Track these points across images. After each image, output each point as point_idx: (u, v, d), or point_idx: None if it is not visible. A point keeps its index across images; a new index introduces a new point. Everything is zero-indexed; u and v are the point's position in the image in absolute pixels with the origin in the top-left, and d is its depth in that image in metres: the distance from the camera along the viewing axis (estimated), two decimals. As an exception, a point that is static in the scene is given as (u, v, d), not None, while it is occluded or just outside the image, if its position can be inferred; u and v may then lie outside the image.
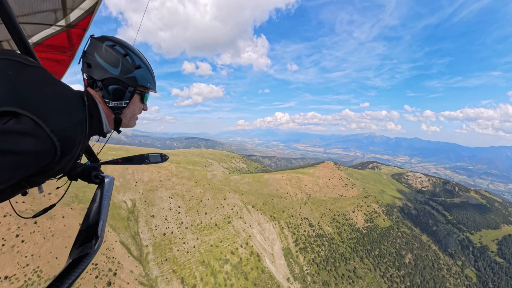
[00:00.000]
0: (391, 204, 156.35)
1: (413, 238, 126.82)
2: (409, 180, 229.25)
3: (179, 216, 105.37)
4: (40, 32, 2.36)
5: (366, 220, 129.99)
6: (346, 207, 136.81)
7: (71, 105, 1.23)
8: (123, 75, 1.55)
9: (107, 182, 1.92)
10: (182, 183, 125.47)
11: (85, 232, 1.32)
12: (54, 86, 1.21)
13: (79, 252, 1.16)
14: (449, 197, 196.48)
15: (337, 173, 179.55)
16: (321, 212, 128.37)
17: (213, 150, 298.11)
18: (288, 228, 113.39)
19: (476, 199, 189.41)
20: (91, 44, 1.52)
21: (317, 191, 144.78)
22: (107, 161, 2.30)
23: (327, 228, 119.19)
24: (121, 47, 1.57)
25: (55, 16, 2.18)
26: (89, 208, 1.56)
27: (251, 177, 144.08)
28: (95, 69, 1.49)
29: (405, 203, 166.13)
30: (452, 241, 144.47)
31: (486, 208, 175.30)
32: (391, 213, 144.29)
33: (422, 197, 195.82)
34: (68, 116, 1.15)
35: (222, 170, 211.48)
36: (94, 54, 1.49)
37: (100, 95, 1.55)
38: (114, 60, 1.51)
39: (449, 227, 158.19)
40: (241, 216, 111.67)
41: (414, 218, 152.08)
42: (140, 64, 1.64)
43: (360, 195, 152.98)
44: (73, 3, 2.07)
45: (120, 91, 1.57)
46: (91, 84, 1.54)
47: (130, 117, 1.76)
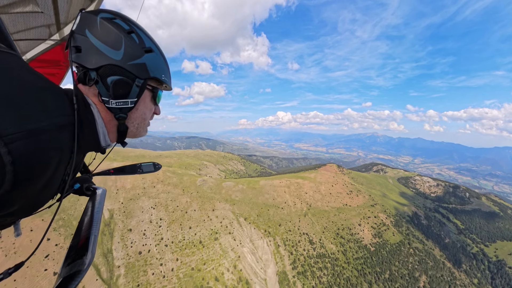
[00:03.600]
0: (400, 213, 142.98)
1: (426, 255, 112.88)
2: (416, 184, 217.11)
3: (160, 231, 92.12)
4: (34, 48, 2.39)
5: (374, 235, 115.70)
6: (351, 219, 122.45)
7: (43, 100, 0.76)
8: (127, 61, 1.04)
9: (99, 194, 1.63)
10: (168, 190, 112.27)
11: (75, 248, 1.13)
12: (20, 75, 0.75)
13: (70, 269, 1.01)
14: (460, 204, 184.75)
15: (340, 177, 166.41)
16: (323, 226, 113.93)
17: (210, 151, 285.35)
18: (284, 246, 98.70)
19: (488, 206, 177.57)
20: (81, 20, 1.03)
21: (318, 199, 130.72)
22: (98, 172, 2.05)
23: (330, 245, 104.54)
24: (123, 21, 1.08)
25: (49, 31, 2.17)
26: (80, 222, 1.28)
27: (246, 183, 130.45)
28: (87, 53, 1.00)
29: (415, 211, 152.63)
30: (466, 255, 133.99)
31: (499, 216, 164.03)
32: (401, 225, 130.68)
33: (431, 203, 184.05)
34: (34, 116, 0.69)
35: (218, 173, 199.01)
36: (85, 31, 1.01)
37: (95, 93, 1.04)
38: (115, 39, 1.02)
39: (461, 238, 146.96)
40: (231, 231, 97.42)
41: (425, 229, 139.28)
42: (152, 46, 1.12)
43: (366, 204, 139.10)
44: (66, 18, 2.06)
45: (124, 84, 1.04)
46: (83, 78, 1.03)
47: (139, 123, 1.21)
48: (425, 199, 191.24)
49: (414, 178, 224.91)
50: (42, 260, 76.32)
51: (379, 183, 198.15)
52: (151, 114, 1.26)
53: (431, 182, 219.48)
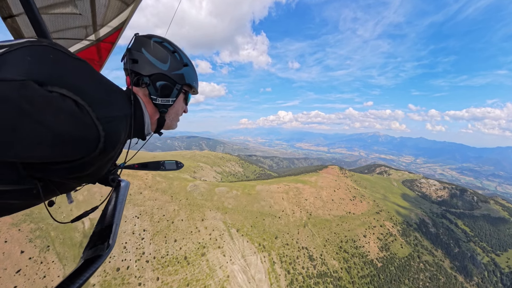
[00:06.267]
0: (407, 220, 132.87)
1: (437, 270, 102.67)
2: (422, 188, 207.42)
3: (142, 244, 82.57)
4: (72, 46, 2.49)
5: (380, 248, 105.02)
6: (355, 229, 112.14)
7: (116, 98, 1.17)
8: (171, 71, 1.51)
9: (123, 186, 1.88)
10: (155, 197, 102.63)
11: (98, 234, 1.28)
12: (99, 77, 1.14)
13: (92, 252, 1.14)
14: (468, 209, 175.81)
15: (343, 181, 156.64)
16: (325, 238, 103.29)
17: (208, 152, 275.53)
18: (281, 263, 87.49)
19: (497, 211, 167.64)
20: (136, 41, 1.50)
21: (319, 207, 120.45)
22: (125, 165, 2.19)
23: (332, 262, 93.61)
24: (169, 44, 1.56)
25: (85, 32, 2.32)
26: (104, 210, 1.51)
27: (241, 189, 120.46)
28: (143, 64, 1.45)
29: (422, 218, 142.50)
30: (477, 265, 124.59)
31: (509, 222, 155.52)
32: (408, 234, 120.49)
33: (438, 208, 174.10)
34: (114, 108, 1.09)
35: (213, 176, 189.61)
36: (141, 49, 1.46)
37: (146, 93, 1.50)
38: (163, 56, 1.49)
39: (471, 246, 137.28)
40: (221, 244, 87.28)
41: (433, 238, 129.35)
42: (187, 62, 1.63)
43: (371, 211, 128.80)
44: (103, 21, 2.18)
45: (168, 87, 1.52)
46: (135, 82, 1.48)
47: (173, 118, 1.70)
48: (432, 203, 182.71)
49: (419, 181, 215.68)
50: (13, 275, 68.37)
51: (383, 186, 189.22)
52: (182, 111, 1.73)
53: (437, 185, 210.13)
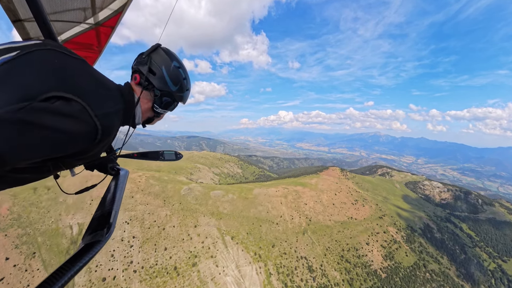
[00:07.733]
0: (411, 225, 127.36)
1: (444, 279, 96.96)
2: (425, 190, 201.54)
3: (130, 252, 77.51)
4: (70, 29, 2.44)
5: (384, 257, 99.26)
6: (357, 236, 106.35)
7: (111, 95, 1.36)
8: (177, 92, 1.86)
9: (122, 174, 1.99)
10: (147, 202, 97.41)
11: (98, 219, 1.36)
12: (96, 76, 1.33)
13: (91, 238, 1.19)
14: (473, 212, 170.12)
15: (344, 183, 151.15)
16: (325, 246, 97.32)
17: (206, 152, 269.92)
18: (278, 275, 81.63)
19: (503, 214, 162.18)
20: (159, 55, 1.75)
21: (320, 212, 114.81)
22: (123, 154, 2.40)
23: (333, 273, 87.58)
24: (183, 71, 1.87)
25: (84, 14, 2.26)
26: (103, 198, 1.60)
27: (238, 192, 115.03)
28: (158, 79, 1.72)
29: (427, 223, 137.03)
30: (483, 272, 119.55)
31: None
32: (413, 240, 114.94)
33: (442, 211, 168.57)
34: (109, 104, 1.28)
35: (211, 177, 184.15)
36: (162, 67, 1.73)
37: (149, 98, 1.78)
38: (177, 80, 1.80)
39: (477, 252, 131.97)
40: (213, 254, 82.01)
41: (438, 244, 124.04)
42: (189, 87, 1.96)
43: (373, 216, 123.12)
44: (102, 3, 2.15)
45: (170, 104, 1.89)
46: (143, 84, 1.73)
47: (159, 119, 2.07)
48: (435, 206, 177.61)
49: (422, 183, 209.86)
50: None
51: (385, 189, 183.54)
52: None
53: (441, 187, 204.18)
